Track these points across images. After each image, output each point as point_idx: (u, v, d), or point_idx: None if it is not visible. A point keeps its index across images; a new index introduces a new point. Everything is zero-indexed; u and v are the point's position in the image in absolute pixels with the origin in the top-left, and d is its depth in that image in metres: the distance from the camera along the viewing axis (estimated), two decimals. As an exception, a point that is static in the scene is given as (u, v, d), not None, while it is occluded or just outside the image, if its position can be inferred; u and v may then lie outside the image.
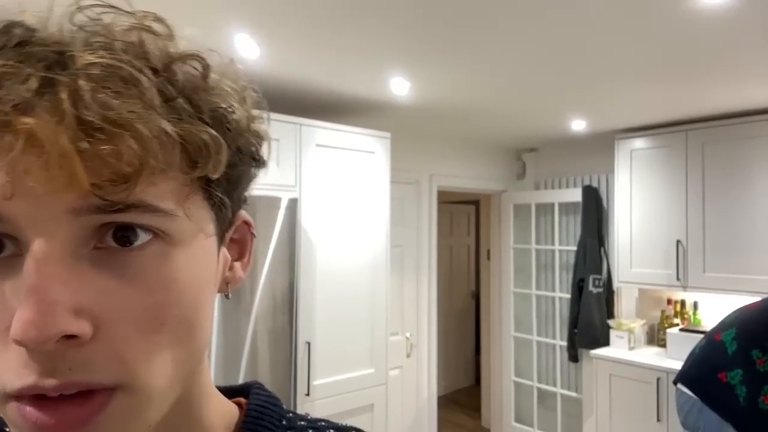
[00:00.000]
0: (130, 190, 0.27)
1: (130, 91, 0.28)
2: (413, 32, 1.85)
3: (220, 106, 0.32)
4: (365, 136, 2.72)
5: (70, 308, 0.27)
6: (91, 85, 0.27)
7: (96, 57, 0.27)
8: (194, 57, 0.32)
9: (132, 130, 0.27)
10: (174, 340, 0.31)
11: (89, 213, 0.28)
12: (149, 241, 0.30)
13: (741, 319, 2.06)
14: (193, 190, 0.31)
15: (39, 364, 0.27)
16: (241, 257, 0.40)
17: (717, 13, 1.67)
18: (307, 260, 2.47)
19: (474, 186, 4.07)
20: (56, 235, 0.27)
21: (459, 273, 5.73)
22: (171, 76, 0.30)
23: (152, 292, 0.30)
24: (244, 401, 0.44)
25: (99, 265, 0.29)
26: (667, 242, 3.18)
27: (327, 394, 2.52)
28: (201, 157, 0.30)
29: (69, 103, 0.26)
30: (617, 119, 3.21)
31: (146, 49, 0.30)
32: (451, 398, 5.25)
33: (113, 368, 0.28)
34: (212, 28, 1.79)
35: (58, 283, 0.27)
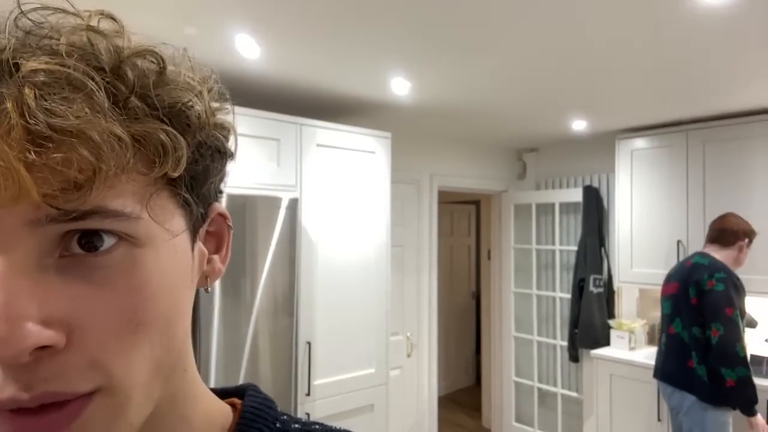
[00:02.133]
0: (84, 197, 0.27)
1: (77, 96, 0.27)
2: (414, 32, 1.85)
3: (177, 102, 0.31)
4: (366, 136, 2.73)
5: (38, 320, 0.26)
6: (36, 93, 0.26)
7: (40, 63, 0.27)
8: (146, 52, 0.30)
9: (81, 137, 0.26)
10: (151, 339, 0.30)
11: (47, 224, 0.27)
12: (115, 244, 0.29)
13: (677, 308, 2.49)
14: (156, 189, 0.31)
15: (15, 378, 0.26)
16: (218, 250, 0.40)
17: (717, 12, 1.67)
18: (308, 260, 2.47)
19: (475, 186, 4.07)
20: (16, 250, 0.27)
21: (459, 273, 5.73)
22: (122, 75, 0.29)
23: (123, 295, 0.29)
24: (238, 402, 0.44)
25: (66, 273, 0.28)
26: (667, 242, 3.18)
27: (327, 394, 2.52)
28: (159, 157, 0.29)
29: (16, 113, 0.25)
30: (618, 119, 3.21)
31: (93, 50, 0.29)
32: (451, 398, 5.25)
33: (89, 374, 0.28)
34: (213, 28, 1.79)
35: (23, 297, 0.26)
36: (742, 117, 2.96)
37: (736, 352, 2.23)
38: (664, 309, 2.59)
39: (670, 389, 2.49)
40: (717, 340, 2.27)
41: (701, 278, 2.37)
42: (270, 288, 2.28)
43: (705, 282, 2.35)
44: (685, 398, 2.40)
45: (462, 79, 2.40)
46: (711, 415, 2.32)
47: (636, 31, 1.82)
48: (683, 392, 2.41)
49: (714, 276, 2.35)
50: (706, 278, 2.36)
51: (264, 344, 2.26)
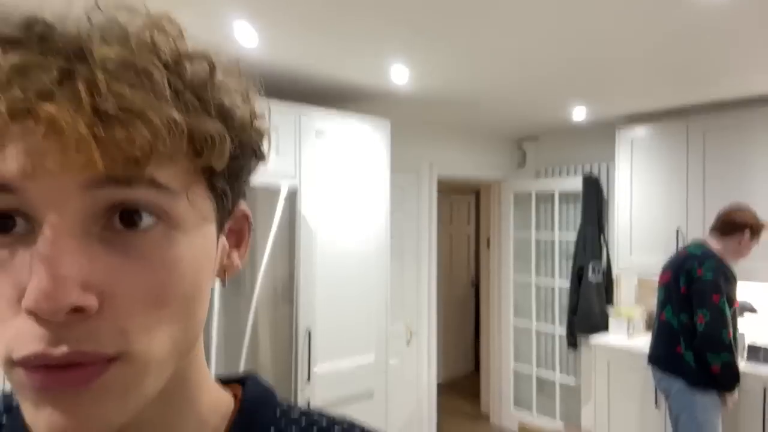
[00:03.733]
0: (141, 168, 0.29)
1: (142, 83, 0.30)
2: (413, 19, 1.84)
3: (224, 103, 0.34)
4: (365, 124, 2.72)
5: (79, 282, 0.29)
6: (106, 77, 0.29)
7: (111, 51, 0.30)
8: (202, 56, 0.33)
9: (143, 118, 0.29)
10: (174, 317, 0.33)
11: (101, 186, 0.29)
12: (154, 224, 0.31)
13: (668, 295, 2.55)
14: (196, 179, 0.33)
15: (47, 334, 0.28)
16: (238, 246, 0.42)
17: (719, 1, 1.66)
18: (307, 248, 2.47)
19: (474, 174, 4.06)
20: (68, 210, 0.29)
21: (459, 261, 5.75)
22: (180, 72, 0.32)
23: (155, 271, 0.31)
24: (239, 391, 0.45)
25: (106, 244, 0.30)
26: (666, 230, 3.19)
27: (327, 381, 2.54)
28: (206, 148, 0.32)
29: (86, 92, 0.28)
30: (618, 108, 3.20)
31: (158, 46, 0.32)
32: (450, 385, 5.29)
33: (116, 340, 0.30)
34: (211, 15, 1.77)
35: (69, 258, 0.29)
36: (742, 105, 2.95)
37: (722, 339, 2.29)
38: (659, 296, 2.66)
39: (660, 374, 2.57)
40: (703, 327, 2.33)
41: (692, 267, 2.44)
42: (270, 276, 2.28)
43: (695, 270, 2.41)
44: (673, 383, 2.48)
45: (462, 67, 2.38)
46: (699, 399, 2.39)
47: (636, 18, 1.81)
48: (671, 377, 2.49)
49: (704, 265, 2.40)
50: (696, 266, 2.42)
51: (264, 332, 2.27)
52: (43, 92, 0.28)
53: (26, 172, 0.28)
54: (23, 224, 0.30)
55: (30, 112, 0.28)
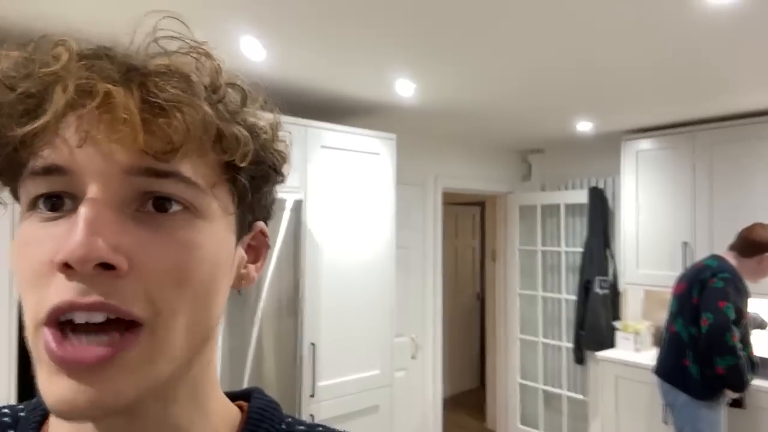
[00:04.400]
0: (174, 156, 0.33)
1: (183, 85, 0.34)
2: (418, 34, 1.85)
3: (252, 123, 0.39)
4: (370, 138, 2.73)
5: (111, 244, 0.32)
6: (154, 80, 0.34)
7: (162, 62, 0.35)
8: (236, 84, 0.38)
9: (182, 110, 0.33)
10: (194, 299, 0.35)
11: (138, 175, 0.33)
12: (181, 210, 0.35)
13: (681, 307, 2.55)
14: (221, 179, 0.37)
15: (77, 285, 0.32)
16: (255, 261, 0.45)
17: (724, 13, 1.66)
18: (312, 261, 2.47)
19: (479, 187, 4.06)
20: (110, 188, 0.33)
21: (464, 274, 5.72)
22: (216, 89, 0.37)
23: (179, 249, 0.35)
24: (245, 404, 0.46)
25: (138, 222, 0.34)
26: (673, 243, 3.17)
27: (332, 396, 2.52)
28: (232, 147, 0.36)
29: (137, 88, 0.33)
30: (624, 120, 3.20)
31: (201, 67, 0.37)
32: (456, 400, 5.24)
33: (141, 303, 0.33)
34: (219, 30, 1.79)
35: (104, 221, 0.32)
36: (750, 118, 2.94)
37: (725, 341, 2.30)
38: (671, 307, 2.66)
39: (666, 386, 2.56)
40: (707, 329, 2.36)
41: (705, 278, 2.46)
42: (275, 289, 2.28)
43: (707, 280, 2.44)
44: (678, 396, 2.48)
45: (467, 80, 2.40)
46: (703, 413, 2.39)
47: (642, 31, 1.82)
48: (677, 390, 2.48)
49: (717, 275, 2.42)
50: (709, 277, 2.44)
51: (268, 345, 2.27)
52: (104, 78, 0.33)
53: (79, 140, 0.32)
54: (70, 204, 0.34)
55: (91, 93, 0.32)
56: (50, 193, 0.34)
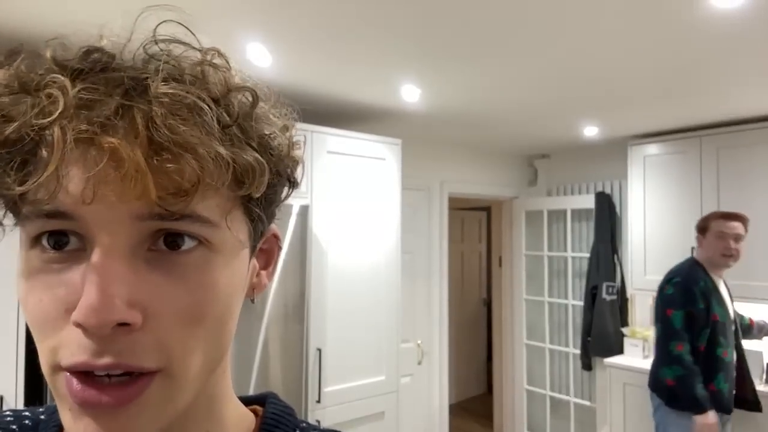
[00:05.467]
0: (187, 202, 0.32)
1: (194, 119, 0.32)
2: (424, 40, 1.85)
3: (265, 134, 0.36)
4: (376, 143, 2.73)
5: (125, 300, 0.31)
6: (162, 111, 0.31)
7: (168, 87, 0.32)
8: (247, 89, 0.36)
9: (193, 152, 0.31)
10: (208, 335, 0.35)
11: (150, 219, 0.32)
12: (195, 247, 0.34)
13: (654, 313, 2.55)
14: (235, 205, 0.36)
15: (92, 345, 0.31)
16: (267, 266, 0.44)
17: (730, 18, 1.66)
18: (318, 267, 2.47)
19: (485, 192, 4.05)
20: (119, 236, 0.32)
21: (470, 280, 5.70)
22: (228, 106, 0.34)
23: (194, 291, 0.34)
24: (260, 409, 0.46)
25: (151, 264, 0.33)
26: (681, 249, 3.14)
27: (338, 401, 2.52)
28: (247, 178, 0.34)
29: (143, 125, 0.31)
30: (630, 125, 3.19)
31: (208, 81, 0.34)
32: (462, 406, 5.21)
33: (156, 354, 0.32)
34: (226, 36, 1.81)
35: (117, 277, 0.31)
36: (757, 122, 2.92)
37: (669, 350, 2.30)
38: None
39: (650, 391, 2.58)
40: (654, 341, 2.42)
41: (662, 284, 2.47)
42: (281, 294, 2.28)
43: (662, 288, 2.45)
44: (655, 400, 2.50)
45: (472, 85, 2.40)
46: (674, 420, 2.37)
47: (648, 35, 1.81)
48: (653, 394, 2.50)
49: (670, 281, 2.42)
50: (663, 284, 2.45)
51: (275, 351, 2.26)
52: (105, 125, 0.31)
53: (86, 198, 0.31)
54: (76, 242, 0.32)
55: (92, 142, 0.30)
56: (55, 230, 0.32)
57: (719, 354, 2.31)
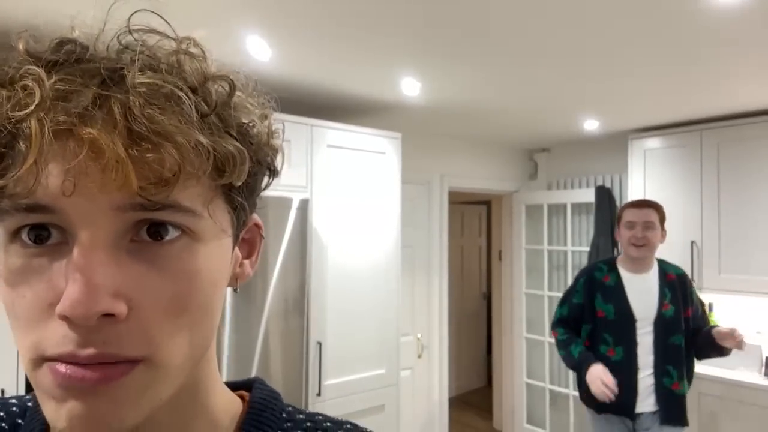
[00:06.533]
0: (168, 192, 0.31)
1: (172, 108, 0.32)
2: (424, 33, 1.85)
3: (244, 122, 0.36)
4: (376, 137, 2.73)
5: (110, 291, 0.31)
6: (139, 101, 0.31)
7: (144, 77, 0.32)
8: (224, 78, 0.35)
9: (173, 141, 0.31)
10: (192, 324, 0.35)
11: (132, 210, 0.32)
12: (177, 236, 0.34)
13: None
14: (216, 194, 0.36)
15: (77, 337, 0.31)
16: (250, 256, 0.44)
17: (731, 10, 1.65)
18: (319, 260, 2.47)
19: (485, 186, 4.05)
20: (101, 228, 0.31)
21: (470, 274, 5.71)
22: (205, 95, 0.34)
23: (178, 281, 0.34)
24: (246, 395, 0.46)
25: (134, 255, 0.33)
26: (681, 243, 3.15)
27: (338, 395, 2.53)
28: (228, 167, 0.34)
29: (121, 116, 0.30)
30: (630, 119, 3.18)
31: (184, 70, 0.34)
32: (462, 399, 5.24)
33: (140, 344, 0.32)
34: (225, 29, 1.80)
35: (101, 269, 0.31)
36: (757, 116, 2.91)
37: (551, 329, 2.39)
38: None
39: None
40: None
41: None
42: (281, 288, 2.28)
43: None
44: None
45: (472, 79, 2.39)
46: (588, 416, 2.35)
47: (649, 29, 1.81)
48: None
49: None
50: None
51: (275, 344, 2.27)
52: (84, 115, 0.30)
53: (66, 190, 0.30)
54: (57, 235, 0.32)
55: (71, 132, 0.30)
56: (35, 224, 0.32)
57: (603, 352, 2.21)
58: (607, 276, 2.27)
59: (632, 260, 2.24)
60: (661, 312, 2.17)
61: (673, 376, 2.15)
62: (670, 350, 2.16)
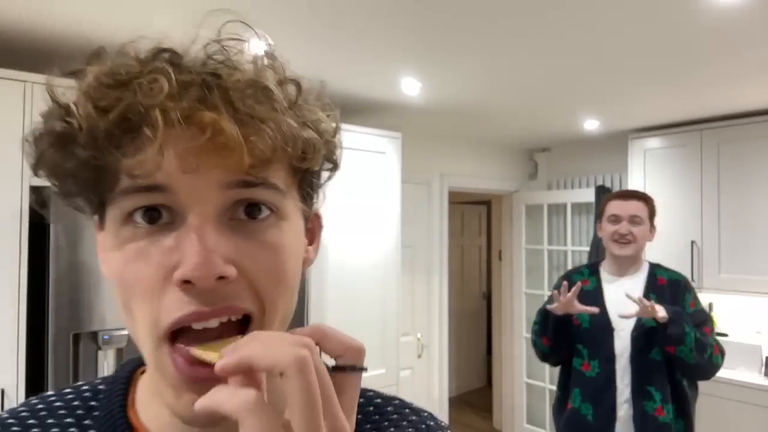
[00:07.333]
0: (267, 171, 0.37)
1: (266, 98, 0.37)
2: (424, 32, 1.85)
3: (316, 118, 0.41)
4: (376, 137, 2.73)
5: (222, 257, 0.36)
6: (238, 94, 0.36)
7: (239, 75, 0.37)
8: (294, 80, 0.41)
9: (269, 124, 0.36)
10: (285, 290, 0.41)
11: (235, 187, 0.37)
12: (267, 215, 0.39)
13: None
14: (294, 181, 0.42)
15: (198, 298, 0.36)
16: (311, 242, 0.49)
17: (731, 11, 1.65)
18: (318, 260, 2.46)
19: (486, 186, 4.05)
20: (209, 204, 0.37)
21: (470, 273, 5.71)
22: (286, 92, 0.39)
23: (271, 252, 0.39)
24: None
25: (234, 230, 0.38)
26: (681, 243, 3.15)
27: (338, 394, 2.52)
28: (309, 153, 0.39)
29: (225, 105, 0.36)
30: (630, 118, 3.18)
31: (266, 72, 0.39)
32: (462, 399, 5.24)
33: (253, 300, 0.38)
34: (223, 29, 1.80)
35: (212, 237, 0.36)
36: (757, 116, 2.91)
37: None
38: None
39: None
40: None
41: None
42: (281, 288, 2.28)
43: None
44: None
45: (472, 78, 2.39)
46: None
47: (649, 29, 1.81)
48: None
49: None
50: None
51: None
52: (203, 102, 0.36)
53: (188, 168, 0.35)
54: (167, 216, 0.37)
55: (191, 118, 0.35)
56: (149, 206, 0.37)
57: (576, 366, 1.93)
58: (587, 280, 1.97)
59: (615, 260, 1.96)
60: (640, 321, 1.82)
61: (655, 399, 1.79)
62: (649, 367, 1.81)
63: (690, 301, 1.89)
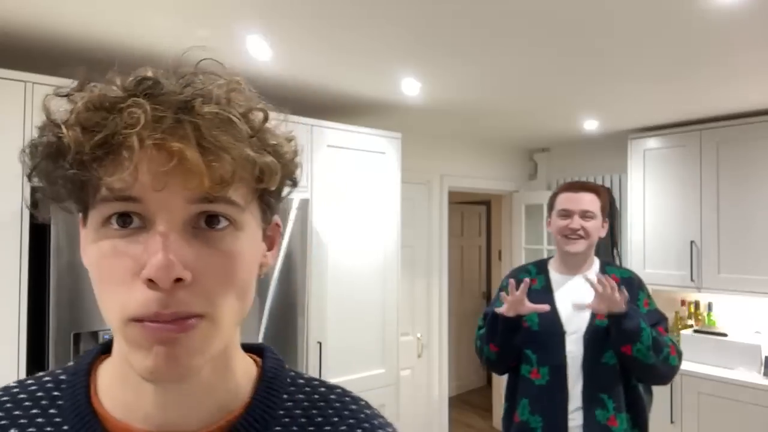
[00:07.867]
0: (227, 190, 0.43)
1: (228, 129, 0.43)
2: (424, 33, 1.85)
3: (276, 143, 0.48)
4: (376, 137, 2.73)
5: (182, 261, 0.42)
6: (206, 125, 0.42)
7: (208, 107, 0.43)
8: (260, 109, 0.47)
9: (231, 154, 0.43)
10: (237, 293, 0.46)
11: (198, 203, 0.43)
12: (226, 226, 0.45)
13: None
14: (254, 197, 0.48)
15: (159, 298, 0.42)
16: (271, 249, 0.55)
17: (731, 11, 1.65)
18: (319, 260, 2.48)
19: (485, 186, 4.05)
20: (176, 215, 0.43)
21: (470, 273, 5.71)
22: (249, 121, 0.46)
23: (227, 259, 0.45)
24: (258, 360, 0.58)
25: (196, 238, 0.44)
26: (681, 243, 3.15)
27: (338, 394, 2.53)
28: (266, 175, 0.46)
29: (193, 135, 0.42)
30: (630, 119, 3.18)
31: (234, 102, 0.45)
32: (462, 399, 5.24)
33: (204, 303, 0.43)
34: (225, 30, 1.80)
35: (175, 245, 0.42)
36: (757, 116, 2.92)
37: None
38: None
39: None
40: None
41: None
42: (281, 288, 2.29)
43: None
44: None
45: (473, 79, 2.39)
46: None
47: (649, 29, 1.81)
48: None
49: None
50: None
51: (275, 344, 2.26)
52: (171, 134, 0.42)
53: (157, 186, 0.42)
54: (138, 222, 0.43)
55: (162, 146, 0.41)
56: (123, 212, 0.43)
57: (525, 374, 1.78)
58: (535, 279, 1.81)
59: (565, 258, 1.82)
60: (593, 322, 1.69)
61: (608, 407, 1.66)
62: (601, 372, 1.68)
63: (644, 300, 1.79)
